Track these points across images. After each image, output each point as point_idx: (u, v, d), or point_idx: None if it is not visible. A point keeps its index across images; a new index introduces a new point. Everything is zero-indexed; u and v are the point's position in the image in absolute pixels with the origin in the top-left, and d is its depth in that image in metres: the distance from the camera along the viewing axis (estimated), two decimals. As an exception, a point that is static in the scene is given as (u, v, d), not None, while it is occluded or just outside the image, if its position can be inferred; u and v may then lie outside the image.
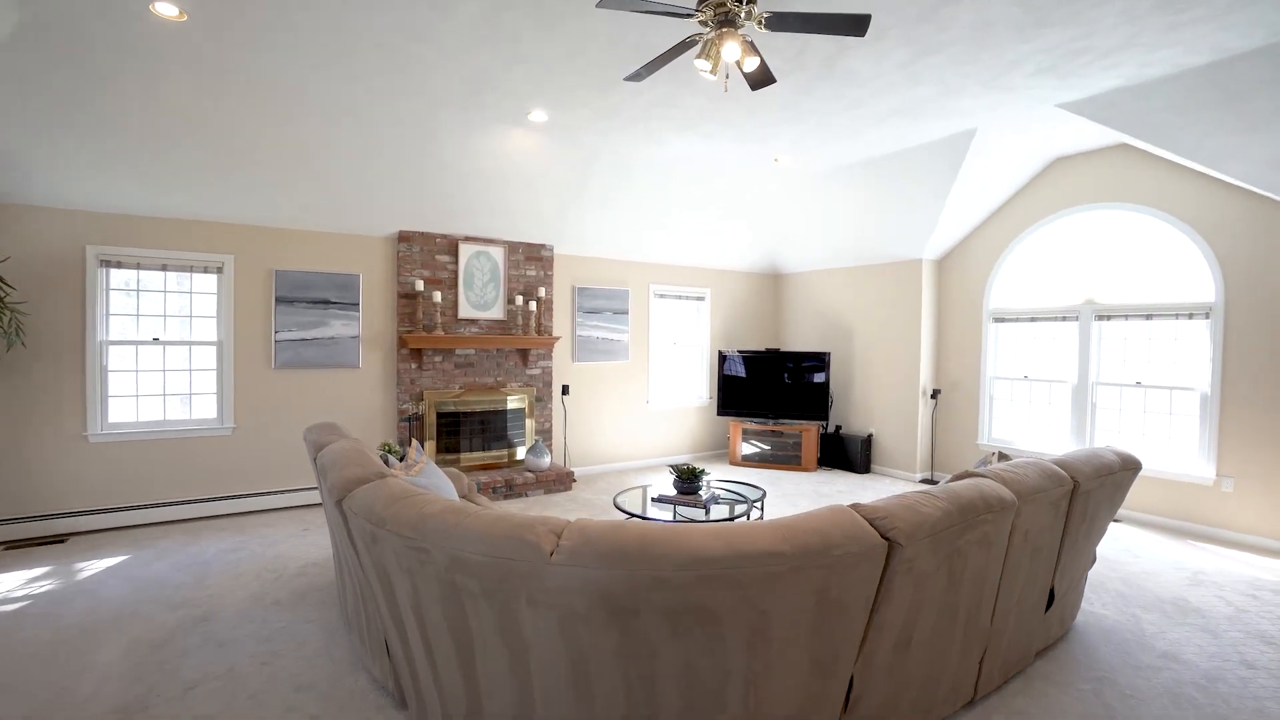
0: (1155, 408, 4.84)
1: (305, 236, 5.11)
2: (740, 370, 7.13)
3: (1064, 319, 5.38)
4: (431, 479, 2.97)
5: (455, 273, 5.64)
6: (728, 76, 2.74)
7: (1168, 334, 4.78)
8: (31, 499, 4.27)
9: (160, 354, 4.66)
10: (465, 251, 5.66)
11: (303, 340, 5.08)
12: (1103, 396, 5.14)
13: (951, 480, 2.30)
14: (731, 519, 3.60)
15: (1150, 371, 4.88)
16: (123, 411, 4.55)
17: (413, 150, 4.77)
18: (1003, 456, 3.31)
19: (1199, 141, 3.95)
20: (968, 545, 1.97)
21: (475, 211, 5.50)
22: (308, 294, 5.10)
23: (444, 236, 5.58)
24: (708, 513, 3.74)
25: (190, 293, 4.76)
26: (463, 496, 3.85)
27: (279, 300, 4.99)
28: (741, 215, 6.77)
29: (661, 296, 7.10)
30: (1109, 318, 5.09)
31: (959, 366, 6.20)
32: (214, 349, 4.83)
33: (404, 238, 5.41)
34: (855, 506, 1.82)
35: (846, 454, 6.78)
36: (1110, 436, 5.09)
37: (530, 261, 6.04)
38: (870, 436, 6.72)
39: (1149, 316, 4.86)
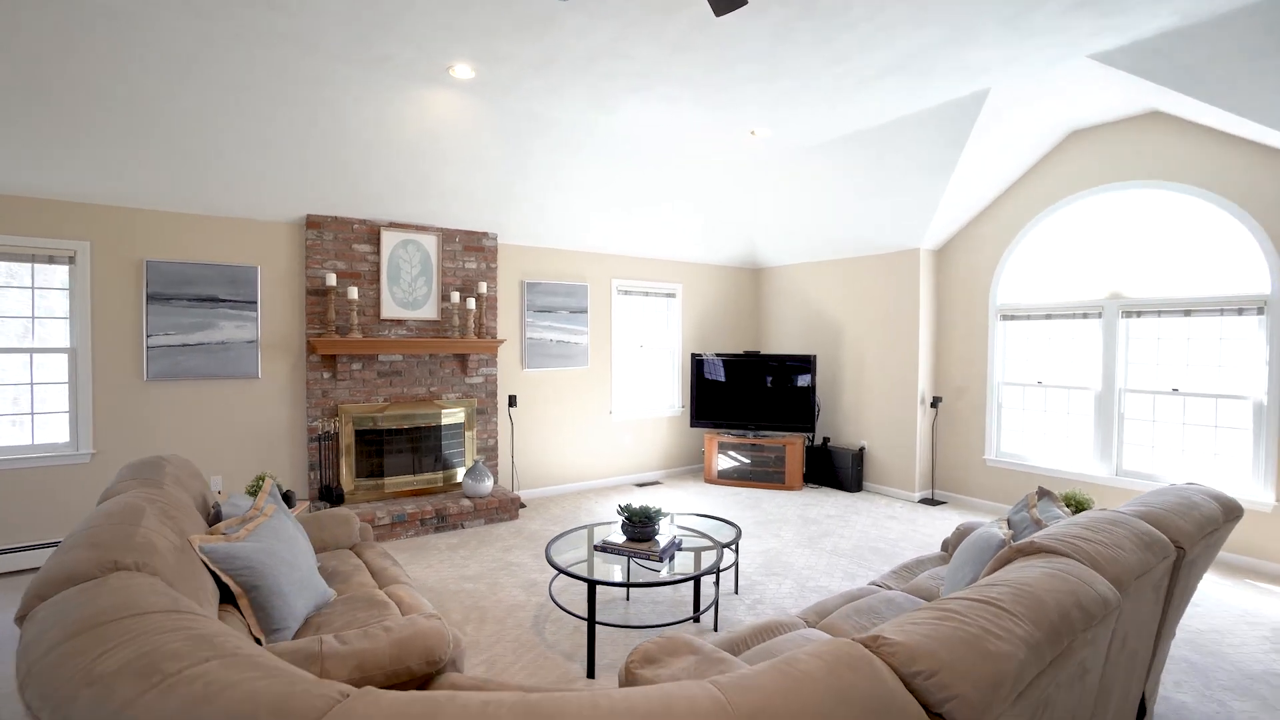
0: (1197, 419, 4.13)
1: (186, 221, 4.22)
2: (716, 375, 6.34)
3: (1085, 316, 4.65)
4: (270, 540, 2.12)
5: (378, 265, 4.78)
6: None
7: (1211, 332, 4.07)
8: None
9: (-10, 365, 3.74)
10: (389, 240, 4.80)
11: (184, 346, 4.19)
12: (1132, 405, 4.42)
13: (1008, 556, 1.52)
14: (696, 577, 2.80)
15: (1190, 377, 4.17)
16: (-61, 437, 3.63)
17: (315, 116, 3.90)
18: (1043, 493, 2.54)
19: (1256, 97, 3.23)
20: (1056, 689, 1.17)
21: (400, 193, 4.64)
22: (190, 290, 4.20)
23: (363, 222, 4.72)
24: (670, 561, 2.94)
25: (32, 288, 3.85)
26: (351, 547, 3.00)
27: (152, 298, 4.09)
28: (715, 199, 5.98)
29: (626, 293, 6.28)
30: (1139, 314, 4.38)
31: (962, 371, 5.46)
32: (65, 357, 3.93)
33: (313, 223, 4.53)
34: (877, 644, 1.01)
35: (836, 470, 6.02)
36: (1142, 452, 4.37)
37: (470, 252, 5.20)
38: (863, 450, 5.97)
39: (1188, 312, 4.14)
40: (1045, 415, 4.91)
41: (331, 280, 4.45)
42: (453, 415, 5.11)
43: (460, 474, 5.14)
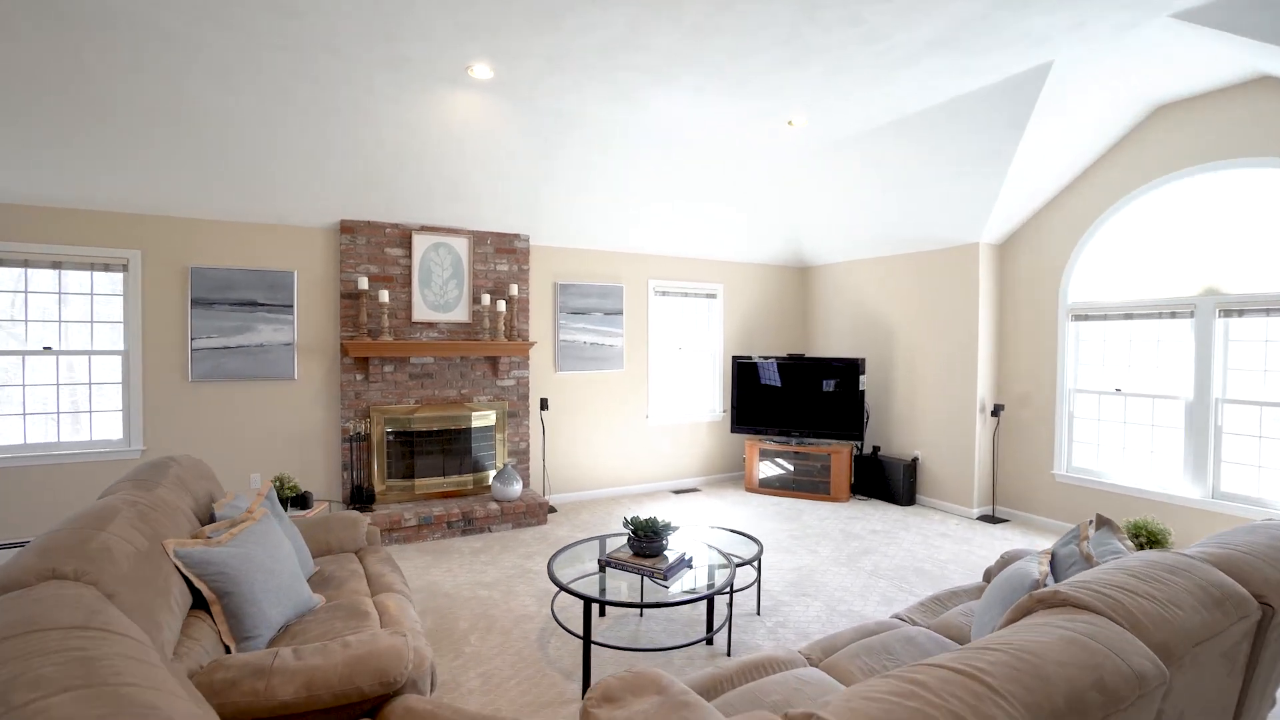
0: (1313, 435, 3.54)
1: (227, 228, 4.39)
2: (759, 379, 6.06)
3: (1173, 315, 4.10)
4: (251, 546, 2.09)
5: (409, 268, 4.82)
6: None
7: (1331, 334, 3.48)
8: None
9: (53, 365, 4.01)
10: (421, 243, 4.84)
11: (225, 349, 4.35)
12: (1233, 418, 3.85)
13: (1027, 606, 1.25)
14: (709, 596, 2.59)
15: (1304, 385, 3.58)
16: (9, 433, 3.91)
17: (346, 122, 3.96)
18: (1102, 521, 2.19)
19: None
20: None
21: (431, 196, 4.67)
22: (231, 295, 4.37)
23: (395, 226, 4.77)
24: (687, 574, 2.75)
25: (91, 294, 4.10)
26: (356, 551, 2.98)
27: (196, 302, 4.27)
28: (756, 195, 5.71)
29: (663, 294, 6.11)
30: (1240, 313, 3.81)
31: (1028, 376, 4.95)
32: (119, 359, 4.16)
33: (346, 228, 4.63)
34: (805, 730, 0.81)
35: (886, 481, 5.62)
36: (1246, 473, 3.79)
37: (502, 254, 5.17)
38: (915, 460, 5.53)
39: (1302, 310, 3.56)
40: (1125, 427, 4.36)
41: (364, 284, 4.51)
42: (483, 418, 5.09)
43: (491, 477, 5.12)
